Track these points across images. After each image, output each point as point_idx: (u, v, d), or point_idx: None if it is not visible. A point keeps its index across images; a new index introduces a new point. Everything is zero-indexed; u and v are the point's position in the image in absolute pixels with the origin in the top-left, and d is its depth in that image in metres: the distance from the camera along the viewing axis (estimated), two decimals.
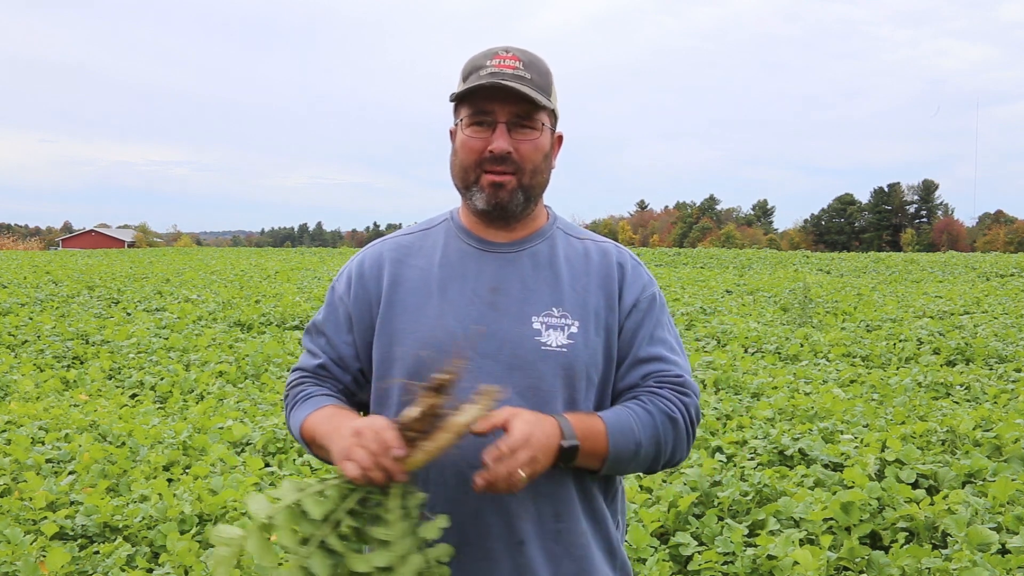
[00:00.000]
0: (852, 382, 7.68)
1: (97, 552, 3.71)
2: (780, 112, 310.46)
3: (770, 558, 3.55)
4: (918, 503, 3.99)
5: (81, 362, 9.27)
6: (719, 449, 5.20)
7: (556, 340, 1.49)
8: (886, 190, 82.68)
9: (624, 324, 1.55)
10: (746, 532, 3.85)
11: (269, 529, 1.27)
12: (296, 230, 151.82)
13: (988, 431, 5.37)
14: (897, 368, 8.57)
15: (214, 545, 1.27)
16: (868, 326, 11.77)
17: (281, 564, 1.30)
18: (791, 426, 5.72)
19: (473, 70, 1.52)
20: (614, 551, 1.57)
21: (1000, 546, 3.60)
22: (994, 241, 63.90)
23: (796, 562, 3.40)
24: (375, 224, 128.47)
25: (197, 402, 7.07)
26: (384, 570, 1.27)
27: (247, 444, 5.55)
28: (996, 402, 6.62)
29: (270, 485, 4.59)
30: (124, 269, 24.14)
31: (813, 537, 3.81)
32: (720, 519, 4.01)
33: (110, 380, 8.16)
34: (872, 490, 4.06)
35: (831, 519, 3.90)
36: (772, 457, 5.03)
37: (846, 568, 3.61)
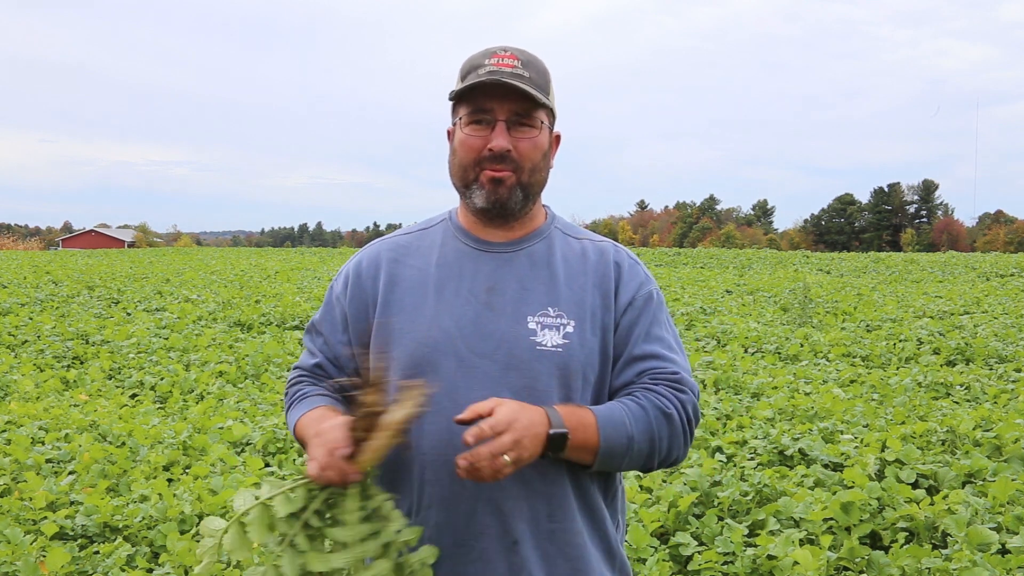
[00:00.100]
0: (852, 382, 7.68)
1: (97, 552, 3.71)
2: (780, 112, 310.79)
3: (770, 558, 3.54)
4: (918, 503, 3.99)
5: (81, 362, 9.27)
6: (719, 449, 5.20)
7: (551, 340, 1.48)
8: (886, 190, 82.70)
9: (620, 322, 1.54)
10: (746, 532, 3.85)
11: (245, 524, 1.30)
12: (296, 230, 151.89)
13: (988, 431, 5.37)
14: (897, 368, 8.57)
15: (202, 536, 1.30)
16: (868, 326, 11.78)
17: (258, 559, 1.31)
18: (791, 426, 5.72)
19: (472, 69, 1.52)
20: (612, 551, 1.56)
21: (1000, 546, 3.59)
22: (994, 241, 63.91)
23: (796, 562, 3.40)
24: (375, 224, 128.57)
25: (197, 402, 7.07)
26: (342, 571, 1.28)
27: (247, 444, 5.55)
28: (996, 402, 6.62)
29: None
30: (124, 269, 24.15)
31: (813, 537, 3.81)
32: (720, 519, 4.00)
33: (110, 380, 8.16)
34: (872, 490, 4.06)
35: (831, 519, 3.90)
36: (772, 457, 5.03)
37: (846, 568, 3.60)
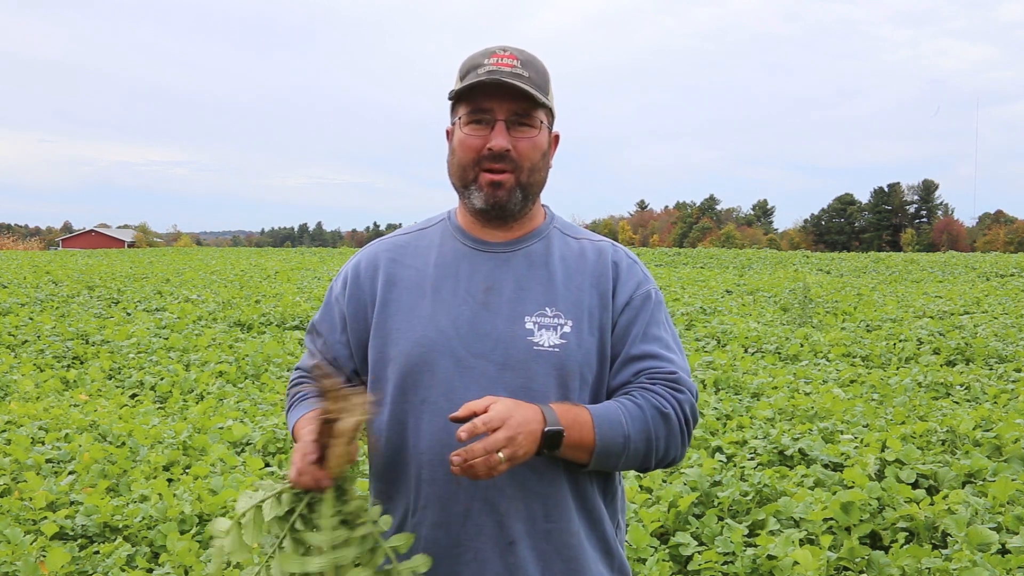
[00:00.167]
0: (852, 382, 7.67)
1: (97, 552, 3.71)
2: (780, 112, 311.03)
3: (770, 558, 3.54)
4: (918, 503, 3.99)
5: (81, 362, 9.27)
6: (719, 449, 5.20)
7: (548, 340, 1.48)
8: (886, 190, 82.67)
9: (617, 321, 1.54)
10: (746, 532, 3.85)
11: (242, 527, 1.32)
12: (296, 230, 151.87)
13: (988, 431, 5.37)
14: (897, 368, 8.57)
15: (213, 537, 1.33)
16: (868, 326, 11.77)
17: (258, 559, 1.33)
18: (791, 426, 5.72)
19: (471, 69, 1.51)
20: (611, 551, 1.56)
21: (1000, 546, 3.59)
22: (994, 241, 63.89)
23: (796, 562, 3.40)
24: (375, 224, 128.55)
25: (197, 402, 7.07)
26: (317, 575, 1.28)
27: (247, 444, 5.55)
28: (996, 402, 6.62)
29: (276, 479, 4.59)
30: (124, 269, 24.14)
31: (813, 537, 3.81)
32: (720, 519, 4.00)
33: (110, 380, 8.16)
34: (872, 490, 4.05)
35: (831, 519, 3.90)
36: (772, 457, 5.02)
37: (846, 568, 3.60)
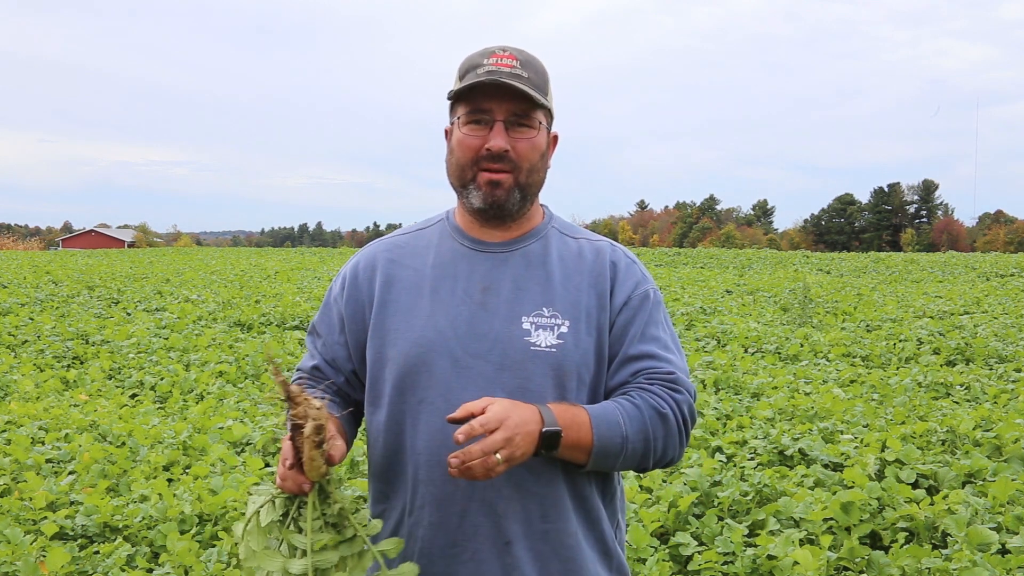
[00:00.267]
0: (852, 382, 7.67)
1: (97, 552, 3.70)
2: (780, 112, 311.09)
3: (770, 558, 3.54)
4: (918, 503, 3.99)
5: (81, 362, 9.27)
6: (719, 449, 5.20)
7: (545, 340, 1.48)
8: (886, 190, 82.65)
9: (615, 322, 1.54)
10: (746, 532, 3.85)
11: (247, 533, 1.35)
12: (296, 230, 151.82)
13: (988, 431, 5.37)
14: (897, 368, 8.57)
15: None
16: (868, 326, 11.77)
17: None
18: (791, 426, 5.72)
19: (470, 68, 1.51)
20: (609, 552, 1.55)
21: (1000, 546, 3.59)
22: (994, 241, 63.86)
23: (796, 562, 3.40)
24: (375, 224, 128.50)
25: (197, 402, 7.07)
26: None
27: (247, 444, 5.55)
28: (996, 402, 6.62)
29: (270, 483, 4.59)
30: (124, 269, 24.14)
31: (813, 537, 3.81)
32: (720, 519, 4.00)
33: (110, 380, 8.16)
34: (872, 490, 4.05)
35: (831, 519, 3.90)
36: (772, 457, 5.02)
37: (846, 568, 3.60)
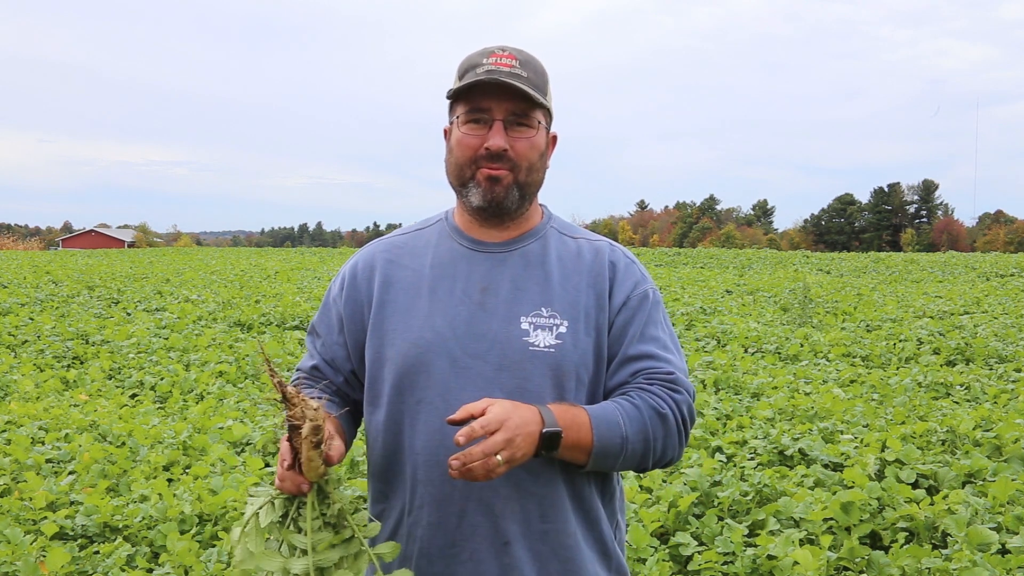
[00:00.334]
0: (852, 382, 7.67)
1: (97, 552, 3.70)
2: (780, 112, 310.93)
3: (770, 558, 3.54)
4: (918, 503, 3.99)
5: (81, 362, 9.27)
6: (719, 449, 5.20)
7: (544, 340, 1.48)
8: (886, 190, 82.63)
9: (614, 322, 1.53)
10: (746, 532, 3.85)
11: (246, 535, 1.34)
12: (296, 230, 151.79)
13: (988, 431, 5.37)
14: (897, 368, 8.57)
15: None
16: (868, 326, 11.77)
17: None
18: (791, 426, 5.72)
19: (469, 68, 1.51)
20: (608, 552, 1.55)
21: (1000, 546, 3.59)
22: (994, 241, 63.84)
23: (796, 562, 3.40)
24: (375, 224, 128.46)
25: (197, 402, 7.06)
26: None
27: (247, 444, 5.55)
28: (996, 402, 6.62)
29: (268, 484, 4.59)
30: (124, 269, 24.14)
31: (813, 537, 3.81)
32: (720, 519, 4.00)
33: (110, 380, 8.16)
34: (872, 490, 4.05)
35: (831, 519, 3.90)
36: (772, 457, 5.02)
37: (846, 568, 3.60)
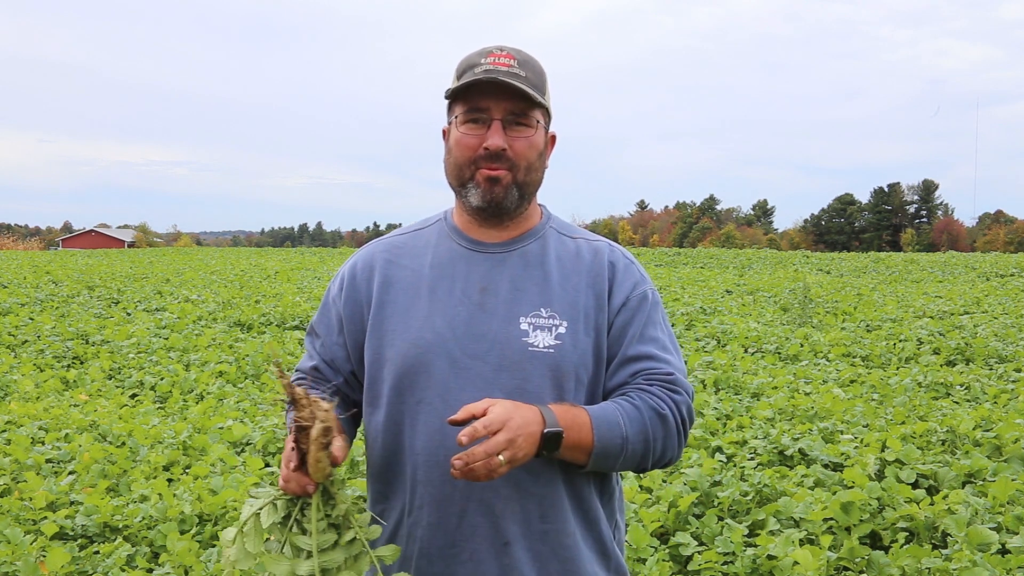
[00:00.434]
0: (852, 382, 7.67)
1: (97, 552, 3.70)
2: (780, 112, 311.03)
3: (770, 558, 3.54)
4: (918, 503, 3.99)
5: (81, 362, 9.27)
6: (719, 449, 5.20)
7: (543, 341, 1.48)
8: (886, 190, 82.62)
9: (613, 322, 1.53)
10: (746, 532, 3.85)
11: (244, 535, 1.33)
12: (296, 230, 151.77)
13: (988, 431, 5.37)
14: (897, 368, 8.57)
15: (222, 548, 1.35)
16: (868, 326, 11.77)
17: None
18: (791, 426, 5.72)
19: (468, 68, 1.51)
20: (607, 552, 1.55)
21: (1000, 546, 3.59)
22: (994, 241, 63.83)
23: (796, 562, 3.40)
24: (375, 224, 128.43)
25: (197, 402, 7.06)
26: None
27: (247, 444, 5.54)
28: (996, 402, 6.62)
29: (270, 485, 4.60)
30: (124, 269, 24.13)
31: (813, 537, 3.81)
32: (720, 519, 4.00)
33: (110, 380, 8.16)
34: (872, 490, 4.05)
35: (831, 519, 3.90)
36: (772, 457, 5.02)
37: (846, 568, 3.60)
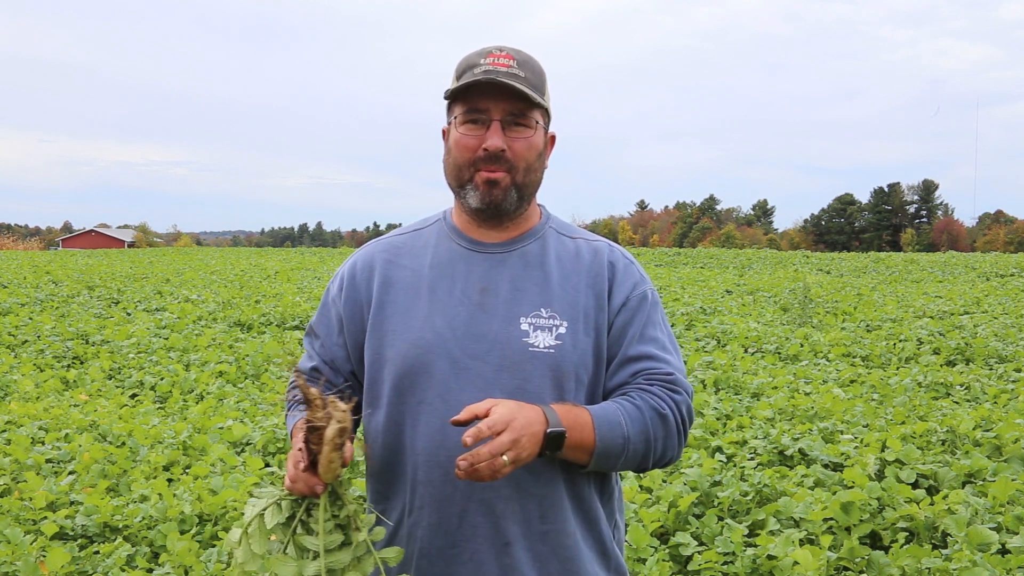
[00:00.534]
0: (852, 382, 7.67)
1: (97, 552, 3.70)
2: (780, 112, 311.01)
3: (770, 558, 3.54)
4: (918, 503, 3.99)
5: (81, 362, 9.27)
6: (719, 449, 5.20)
7: (544, 341, 1.48)
8: (886, 190, 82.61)
9: (613, 322, 1.54)
10: (746, 532, 3.85)
11: (249, 536, 1.33)
12: (296, 230, 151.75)
13: (988, 431, 5.36)
14: (897, 368, 8.57)
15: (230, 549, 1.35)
16: (868, 326, 11.77)
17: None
18: (791, 426, 5.72)
19: (467, 68, 1.51)
20: (607, 552, 1.55)
21: (1000, 546, 3.59)
22: (994, 241, 63.82)
23: (796, 562, 3.40)
24: (375, 224, 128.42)
25: (197, 402, 7.06)
26: None
27: (247, 444, 5.54)
28: (996, 402, 6.62)
29: (270, 485, 4.59)
30: (124, 269, 24.13)
31: (813, 537, 3.81)
32: (720, 519, 4.00)
33: (110, 380, 8.16)
34: (872, 490, 4.05)
35: (831, 519, 3.90)
36: (772, 457, 5.02)
37: (846, 568, 3.60)
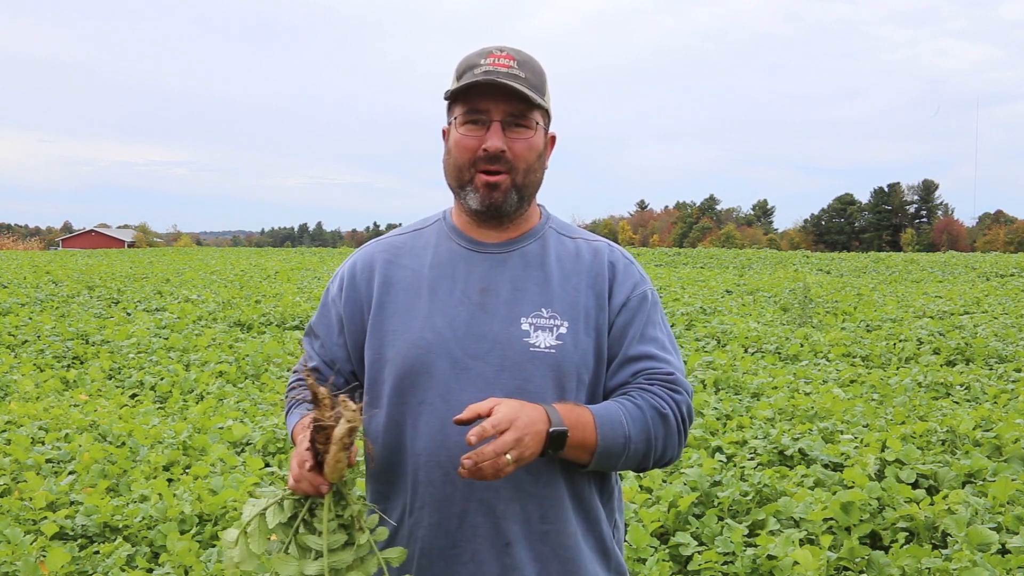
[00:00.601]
0: (852, 382, 7.67)
1: (97, 552, 3.70)
2: (780, 112, 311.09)
3: (770, 558, 3.54)
4: (918, 503, 3.99)
5: (81, 362, 9.27)
6: (719, 449, 5.20)
7: (544, 341, 1.48)
8: (886, 190, 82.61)
9: (614, 322, 1.54)
10: (746, 532, 3.85)
11: (248, 535, 1.33)
12: (296, 230, 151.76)
13: (988, 431, 5.37)
14: (897, 368, 8.57)
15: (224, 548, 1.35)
16: (868, 326, 11.77)
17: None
18: (791, 426, 5.72)
19: (467, 69, 1.51)
20: (608, 552, 1.56)
21: (1000, 546, 3.59)
22: (994, 241, 63.82)
23: (796, 562, 3.40)
24: (375, 224, 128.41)
25: (197, 402, 7.06)
26: None
27: (247, 444, 5.54)
28: (996, 402, 6.62)
29: (270, 485, 4.59)
30: (124, 269, 24.13)
31: (813, 537, 3.81)
32: (720, 519, 4.00)
33: (110, 380, 8.16)
34: (872, 490, 4.05)
35: (831, 519, 3.90)
36: (772, 457, 5.02)
37: (846, 568, 3.60)
